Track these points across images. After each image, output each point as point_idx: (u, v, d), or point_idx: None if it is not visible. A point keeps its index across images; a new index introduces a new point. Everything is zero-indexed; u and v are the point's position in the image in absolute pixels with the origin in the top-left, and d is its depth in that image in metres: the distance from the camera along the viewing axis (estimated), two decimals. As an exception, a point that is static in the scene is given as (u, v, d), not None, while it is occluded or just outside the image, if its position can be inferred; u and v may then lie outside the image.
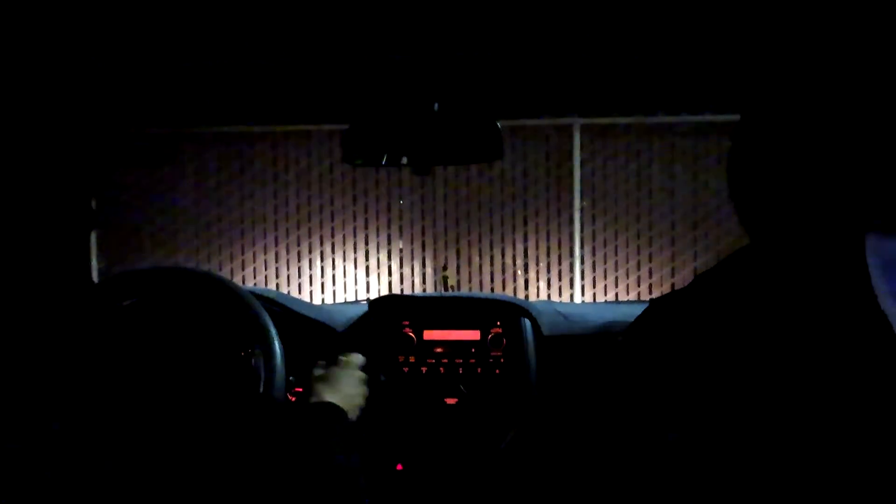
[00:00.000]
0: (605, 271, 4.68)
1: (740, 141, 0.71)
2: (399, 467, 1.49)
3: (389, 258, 4.79)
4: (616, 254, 4.67)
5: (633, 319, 1.54)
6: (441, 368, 1.50)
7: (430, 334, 1.52)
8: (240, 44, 1.43)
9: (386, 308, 1.55)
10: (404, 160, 1.35)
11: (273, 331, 1.28)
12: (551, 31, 1.33)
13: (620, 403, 0.70)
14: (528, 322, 1.51)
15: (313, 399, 1.17)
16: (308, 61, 1.58)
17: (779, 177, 0.65)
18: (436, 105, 1.35)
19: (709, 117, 4.38)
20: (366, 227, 4.78)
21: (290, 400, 1.49)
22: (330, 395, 1.18)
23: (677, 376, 0.64)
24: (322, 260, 4.82)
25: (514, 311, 1.52)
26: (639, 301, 3.90)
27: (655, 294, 4.62)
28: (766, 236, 0.68)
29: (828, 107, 0.63)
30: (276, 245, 4.84)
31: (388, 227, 4.77)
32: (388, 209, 4.76)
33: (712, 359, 0.62)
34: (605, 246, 4.67)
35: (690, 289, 0.69)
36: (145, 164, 4.75)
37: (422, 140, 1.34)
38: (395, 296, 1.60)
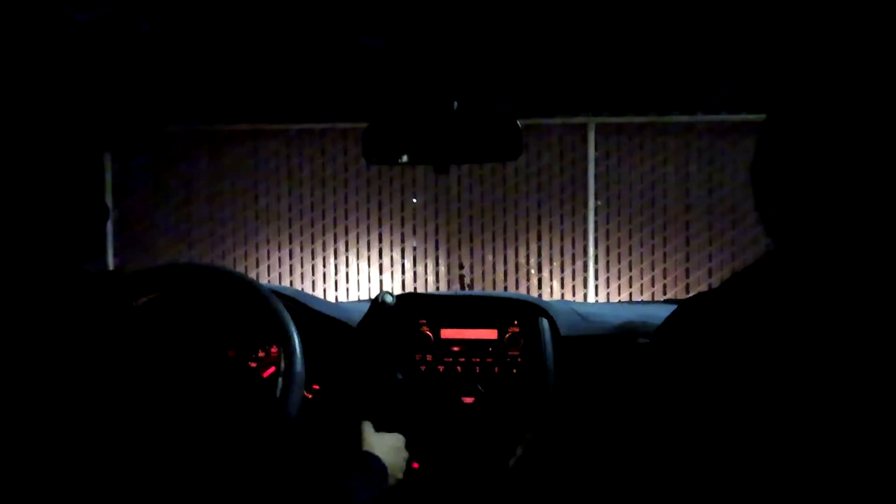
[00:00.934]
0: (619, 271, 4.66)
1: (766, 142, 0.70)
2: (415, 466, 1.49)
3: (403, 256, 4.79)
4: (630, 253, 4.65)
5: (651, 320, 1.54)
6: (458, 367, 1.50)
7: (447, 333, 1.52)
8: (256, 42, 1.43)
9: (403, 306, 1.55)
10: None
11: (294, 330, 1.28)
12: (568, 30, 1.33)
13: (647, 407, 0.69)
14: (545, 322, 1.51)
15: None
16: (325, 60, 1.58)
17: (807, 180, 0.64)
18: (455, 103, 1.35)
19: (724, 117, 4.35)
20: (379, 225, 4.79)
21: (308, 397, 1.49)
22: None
23: (710, 381, 0.63)
24: (336, 257, 4.83)
25: (532, 311, 1.51)
26: (655, 301, 3.88)
27: (670, 294, 4.59)
28: (791, 240, 0.67)
29: (858, 106, 0.62)
30: (290, 242, 4.85)
31: (402, 225, 4.77)
32: (402, 207, 4.77)
33: (746, 364, 0.62)
34: (619, 245, 4.65)
35: (722, 292, 0.69)
36: (160, 162, 4.78)
37: (441, 138, 1.34)
38: (413, 294, 1.60)
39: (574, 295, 4.67)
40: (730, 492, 0.62)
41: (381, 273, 4.81)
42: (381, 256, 4.80)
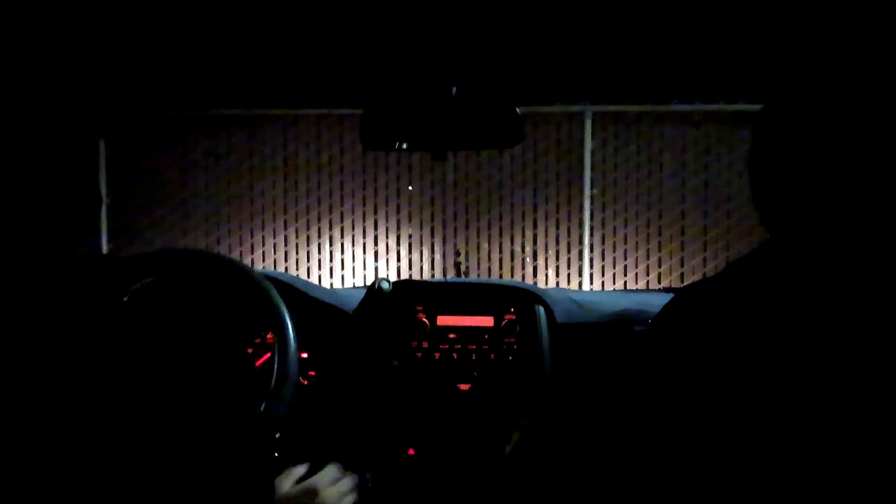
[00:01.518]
0: (615, 260, 4.66)
1: (762, 132, 0.70)
2: (411, 452, 1.49)
3: (398, 243, 4.78)
4: (625, 242, 4.65)
5: (647, 308, 1.54)
6: (454, 354, 1.50)
7: (443, 320, 1.52)
8: (253, 27, 1.42)
9: (400, 293, 1.55)
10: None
11: (287, 317, 1.27)
12: (566, 17, 1.32)
13: (644, 394, 0.69)
14: (542, 309, 1.51)
15: None
16: (322, 44, 1.57)
17: (803, 170, 0.64)
18: (454, 89, 1.34)
19: (721, 106, 4.35)
20: (375, 213, 4.78)
21: (303, 384, 1.49)
22: None
23: (707, 369, 0.63)
24: (331, 244, 4.82)
25: (528, 299, 1.51)
26: (650, 290, 3.89)
27: (665, 283, 4.60)
28: (788, 230, 0.67)
29: (853, 97, 0.62)
30: (286, 229, 4.84)
31: (398, 212, 4.77)
32: (398, 194, 4.76)
33: (742, 353, 0.62)
34: (614, 234, 4.66)
35: (719, 281, 0.68)
36: (155, 147, 4.75)
37: (439, 124, 1.33)
38: (409, 281, 1.59)
39: (569, 283, 4.67)
40: (726, 478, 0.62)
41: (376, 260, 4.80)
42: (376, 243, 4.80)
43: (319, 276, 4.82)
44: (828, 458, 0.57)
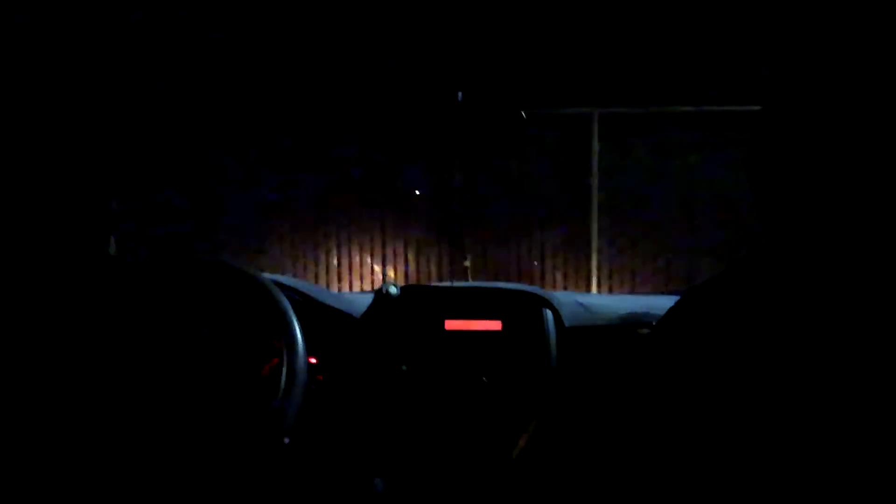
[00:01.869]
0: (622, 263, 4.65)
1: (760, 134, 0.70)
2: (419, 456, 1.49)
3: (406, 248, 4.78)
4: (633, 245, 4.64)
5: (654, 311, 1.54)
6: (462, 358, 1.50)
7: (451, 324, 1.52)
8: (260, 33, 1.43)
9: (407, 297, 1.56)
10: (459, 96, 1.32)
11: (296, 323, 1.28)
12: (572, 21, 1.32)
13: (649, 396, 0.69)
14: (549, 313, 1.51)
15: None
16: (328, 51, 1.58)
17: (800, 171, 0.64)
18: (459, 94, 1.35)
19: (729, 108, 4.34)
20: (383, 216, 4.78)
21: (311, 389, 1.49)
22: None
23: (711, 370, 0.63)
24: (339, 248, 4.83)
25: (535, 302, 1.52)
26: (658, 293, 3.88)
27: (672, 287, 4.59)
28: (787, 229, 0.67)
29: (854, 99, 0.62)
30: (293, 233, 4.85)
31: (405, 216, 4.77)
32: (406, 198, 4.76)
33: (745, 353, 0.62)
34: (622, 237, 4.65)
35: (721, 281, 0.69)
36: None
37: (446, 129, 1.33)
38: (417, 285, 1.60)
39: (577, 286, 4.67)
40: (732, 481, 0.62)
41: (384, 264, 4.81)
42: (384, 248, 4.80)
43: (327, 281, 4.83)
44: (829, 458, 0.57)
